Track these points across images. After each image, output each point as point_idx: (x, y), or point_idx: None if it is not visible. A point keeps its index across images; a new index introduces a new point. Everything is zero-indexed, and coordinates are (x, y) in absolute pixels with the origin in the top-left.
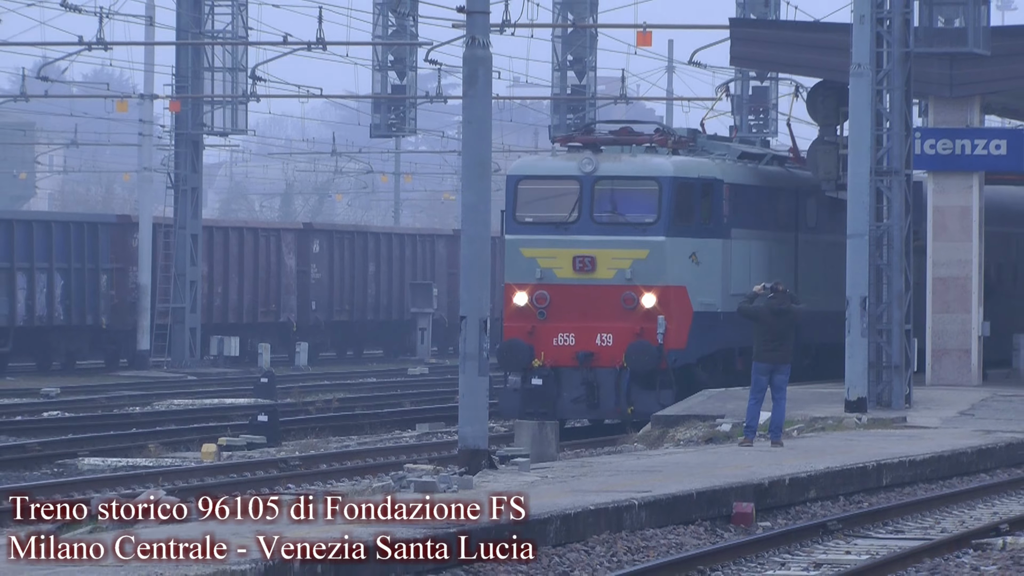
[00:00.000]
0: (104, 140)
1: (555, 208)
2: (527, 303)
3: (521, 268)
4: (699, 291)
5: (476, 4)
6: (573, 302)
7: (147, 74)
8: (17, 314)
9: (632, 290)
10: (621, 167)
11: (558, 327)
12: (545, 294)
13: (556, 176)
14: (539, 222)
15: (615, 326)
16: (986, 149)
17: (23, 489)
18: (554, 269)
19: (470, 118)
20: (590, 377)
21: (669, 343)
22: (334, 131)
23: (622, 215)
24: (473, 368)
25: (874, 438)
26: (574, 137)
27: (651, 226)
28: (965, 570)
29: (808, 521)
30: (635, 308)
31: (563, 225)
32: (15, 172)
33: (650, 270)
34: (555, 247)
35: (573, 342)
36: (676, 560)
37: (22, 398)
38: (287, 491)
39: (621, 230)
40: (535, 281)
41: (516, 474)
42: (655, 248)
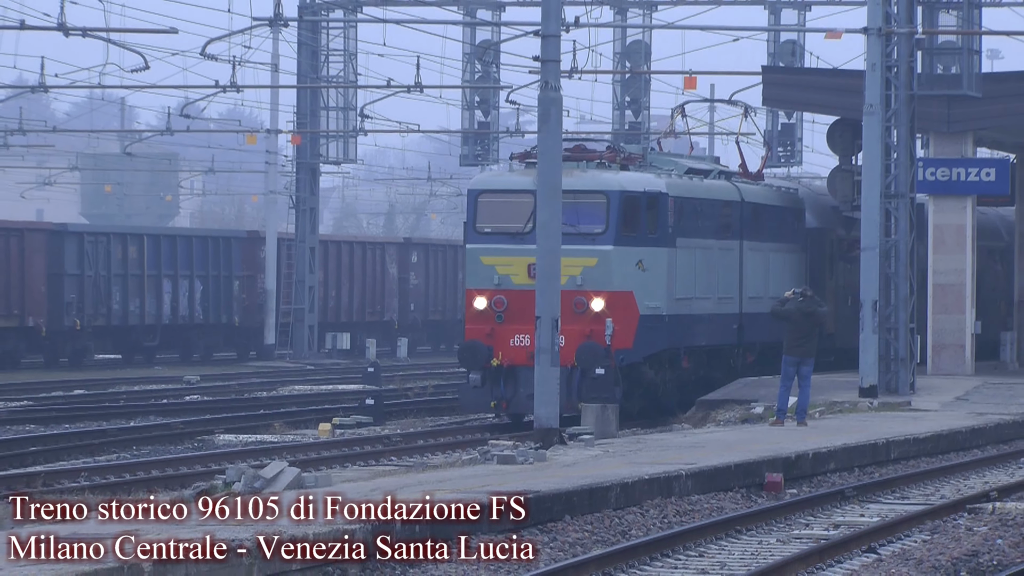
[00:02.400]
0: (236, 168)
1: (512, 219)
2: (486, 307)
3: (481, 275)
4: (645, 296)
5: (549, 54)
6: (528, 306)
7: (272, 112)
8: (163, 314)
9: (582, 295)
10: (572, 182)
11: (515, 329)
12: (503, 299)
13: (513, 190)
14: (497, 232)
15: (567, 328)
16: (978, 176)
17: (21, 492)
18: (511, 276)
19: (544, 149)
20: None
21: (616, 344)
22: (429, 160)
23: (573, 226)
24: (546, 360)
25: (884, 419)
26: (531, 154)
27: (599, 236)
28: (961, 530)
29: (828, 489)
30: (585, 312)
31: (519, 235)
32: (162, 195)
33: (599, 277)
34: (512, 255)
35: (528, 343)
36: (717, 521)
37: (168, 384)
38: (389, 463)
39: (572, 240)
40: (493, 287)
41: (582, 449)
42: (603, 256)
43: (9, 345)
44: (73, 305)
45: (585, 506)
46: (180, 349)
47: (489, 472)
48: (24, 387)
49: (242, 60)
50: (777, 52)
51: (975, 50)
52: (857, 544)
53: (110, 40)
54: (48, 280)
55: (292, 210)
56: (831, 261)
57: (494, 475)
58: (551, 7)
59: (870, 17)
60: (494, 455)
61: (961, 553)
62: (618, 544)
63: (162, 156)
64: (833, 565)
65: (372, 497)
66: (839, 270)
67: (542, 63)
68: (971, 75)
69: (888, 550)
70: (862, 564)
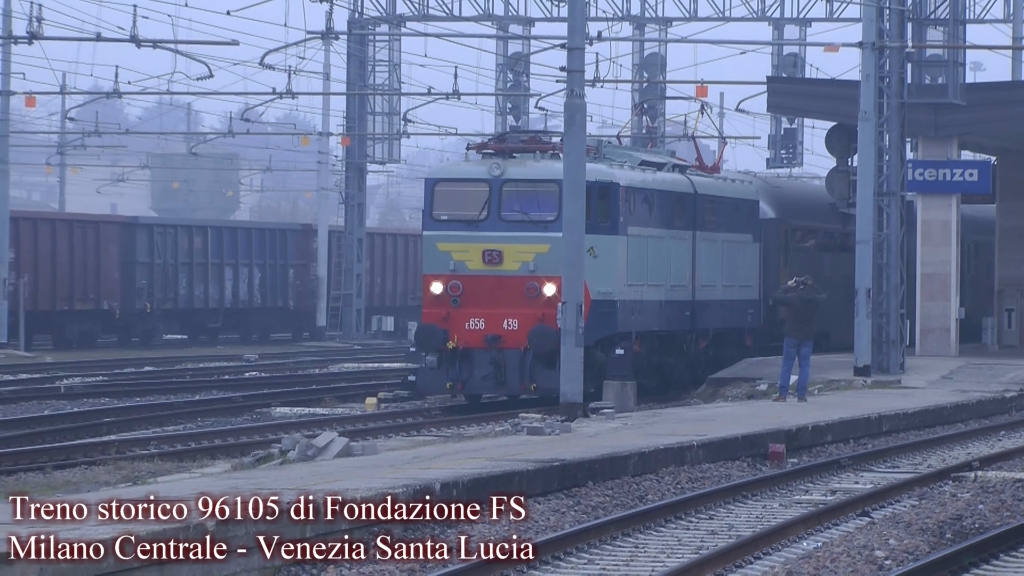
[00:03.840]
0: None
1: (467, 207)
2: (442, 291)
3: (437, 260)
4: (596, 281)
5: (574, 65)
6: (483, 291)
7: (324, 116)
8: (225, 298)
9: (535, 280)
10: (525, 171)
11: (469, 313)
12: (458, 284)
13: (468, 179)
14: (453, 220)
15: (520, 312)
16: (962, 176)
17: (20, 491)
18: (466, 262)
19: (569, 151)
20: (498, 357)
21: None
22: None
23: (526, 214)
24: (571, 341)
25: (876, 396)
26: (488, 145)
27: (551, 224)
28: (946, 496)
29: (826, 459)
30: (537, 296)
31: (474, 222)
32: (224, 191)
33: (551, 263)
34: (467, 242)
35: (483, 326)
36: (726, 487)
37: (229, 362)
38: (429, 433)
39: (525, 227)
40: (449, 272)
41: (604, 421)
42: (555, 243)
43: (86, 326)
44: (144, 290)
45: (606, 473)
46: (240, 330)
47: (520, 442)
48: (100, 364)
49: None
50: (780, 64)
51: (960, 63)
52: (852, 508)
53: (178, 51)
54: (121, 268)
55: (342, 205)
56: (785, 250)
57: (524, 445)
58: (576, 23)
59: (865, 32)
60: (524, 427)
61: (946, 517)
62: (636, 507)
63: (224, 156)
64: (830, 527)
65: (413, 462)
66: (793, 259)
67: (568, 73)
68: (956, 85)
69: (880, 514)
70: (856, 527)
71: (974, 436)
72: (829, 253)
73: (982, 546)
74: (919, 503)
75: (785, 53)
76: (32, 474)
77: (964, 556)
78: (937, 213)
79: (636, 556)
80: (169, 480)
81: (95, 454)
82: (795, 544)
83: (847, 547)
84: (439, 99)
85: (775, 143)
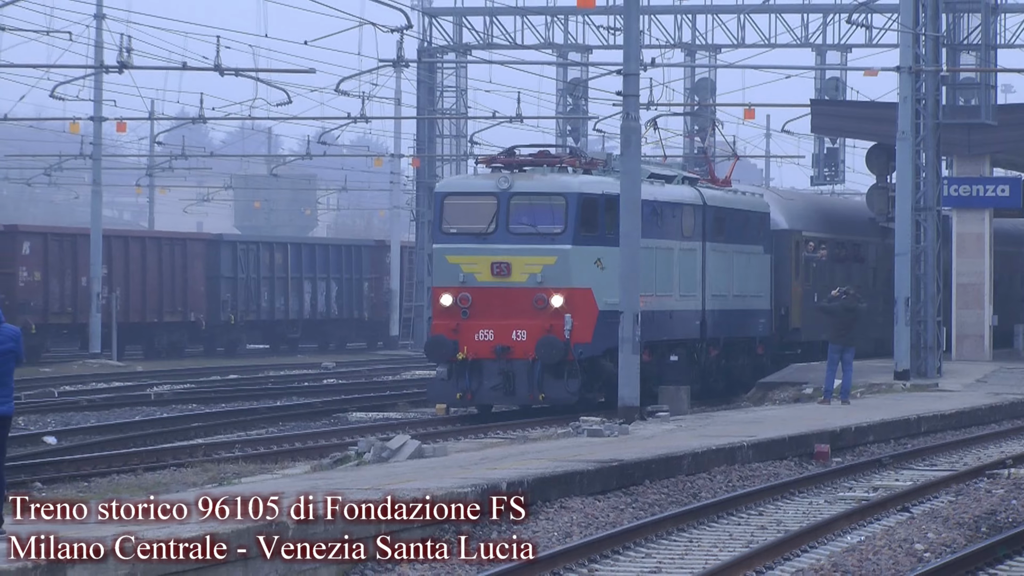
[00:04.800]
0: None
1: (476, 220)
2: (452, 303)
3: (446, 273)
4: (604, 292)
5: (630, 90)
6: (492, 302)
7: (396, 139)
8: (304, 310)
9: (543, 292)
10: (533, 184)
11: (479, 324)
12: (467, 295)
13: (477, 192)
14: (462, 232)
15: (528, 323)
16: (994, 192)
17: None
18: (475, 274)
19: (626, 171)
20: (507, 368)
21: (575, 338)
22: None
23: (534, 226)
24: (628, 348)
25: (915, 398)
26: (496, 159)
27: (559, 236)
28: (981, 492)
29: (868, 457)
30: (545, 308)
31: (483, 235)
32: (303, 209)
33: (558, 274)
34: (476, 255)
35: (492, 337)
36: (774, 485)
37: (308, 370)
38: (496, 436)
39: (533, 239)
40: (459, 284)
41: (660, 424)
42: (562, 255)
43: (175, 337)
44: (228, 303)
45: (662, 472)
46: (318, 340)
47: (580, 444)
48: (187, 372)
49: (370, 95)
50: (823, 87)
51: (991, 85)
52: (893, 504)
53: (258, 79)
54: (207, 282)
55: (413, 222)
56: (796, 261)
57: (585, 446)
58: (631, 50)
59: (902, 58)
60: (584, 429)
61: (981, 512)
62: (690, 504)
63: (302, 177)
64: (872, 522)
65: (481, 462)
66: (804, 269)
67: (624, 97)
68: (988, 107)
69: (919, 509)
70: (897, 521)
71: (1007, 436)
72: (841, 263)
73: (1016, 539)
74: (956, 499)
75: (827, 77)
76: (124, 476)
77: (999, 549)
78: (971, 226)
79: (690, 550)
80: (252, 481)
81: (183, 457)
82: (840, 538)
83: (888, 540)
84: (503, 122)
85: (819, 162)
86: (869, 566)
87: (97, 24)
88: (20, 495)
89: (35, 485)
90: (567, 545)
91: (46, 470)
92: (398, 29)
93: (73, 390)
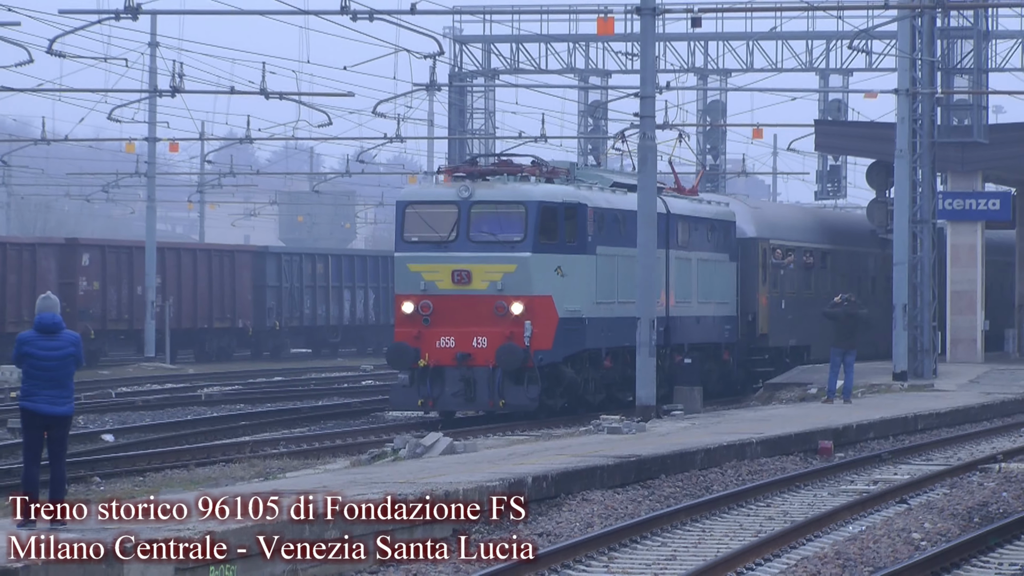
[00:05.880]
0: None
1: (437, 229)
2: (413, 311)
3: (408, 281)
4: (565, 300)
5: (646, 111)
6: (453, 310)
7: (429, 158)
8: (344, 316)
9: (503, 299)
10: (493, 193)
11: (440, 332)
12: (429, 303)
13: (437, 201)
14: (423, 241)
15: (488, 330)
16: (986, 206)
17: (20, 490)
18: (436, 282)
19: (643, 186)
20: (467, 374)
21: (536, 345)
22: None
23: (494, 235)
24: (645, 352)
25: (912, 398)
26: (459, 168)
27: (519, 244)
28: (974, 485)
29: (869, 453)
30: (505, 315)
31: (443, 243)
32: (343, 223)
33: (518, 282)
34: (437, 263)
35: (453, 344)
36: (781, 479)
37: (348, 372)
38: (522, 434)
39: (493, 247)
40: (420, 292)
41: (674, 422)
42: (522, 263)
43: (224, 342)
44: (273, 310)
45: (677, 467)
46: (357, 344)
47: (601, 440)
48: (235, 375)
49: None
50: (826, 108)
51: (983, 106)
52: (892, 496)
53: (301, 102)
54: (253, 291)
55: None
56: (764, 268)
57: (605, 443)
58: (647, 75)
59: (900, 81)
60: (604, 427)
61: (974, 503)
62: (703, 497)
63: (342, 193)
64: (873, 513)
65: (508, 458)
66: (771, 276)
67: (641, 118)
68: (980, 126)
69: (916, 501)
70: (896, 512)
71: (998, 433)
72: (809, 270)
73: (1006, 529)
74: (950, 491)
75: (830, 99)
76: (177, 471)
77: (990, 538)
78: (964, 238)
79: (704, 539)
80: (296, 475)
81: (232, 453)
82: (843, 528)
83: (888, 530)
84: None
85: (822, 178)
86: (870, 554)
87: (151, 51)
88: (21, 495)
89: (94, 479)
90: (588, 535)
91: (104, 465)
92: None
93: (129, 391)
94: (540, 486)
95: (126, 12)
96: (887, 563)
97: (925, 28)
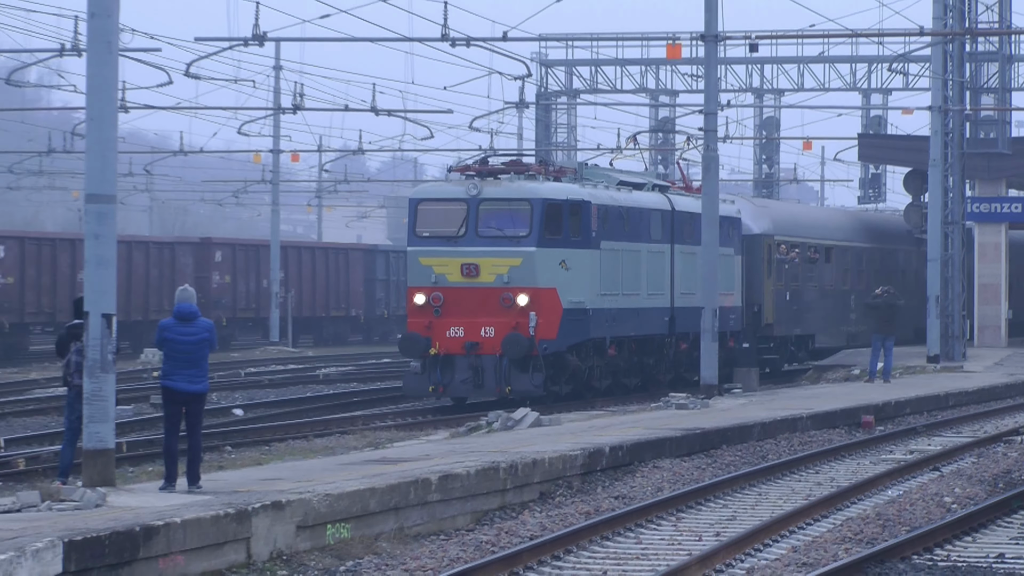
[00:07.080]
0: None
1: (447, 224)
2: (425, 302)
3: (420, 274)
4: (569, 292)
5: (709, 126)
6: (462, 302)
7: None
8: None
9: (509, 291)
10: (500, 191)
11: (450, 322)
12: (439, 295)
13: (448, 199)
14: (434, 236)
15: (495, 321)
16: (1009, 209)
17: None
18: (446, 275)
19: (706, 192)
20: (475, 363)
21: (540, 334)
22: None
23: (501, 230)
24: (708, 337)
25: (944, 378)
26: (469, 167)
27: (524, 239)
28: (999, 455)
29: (906, 426)
30: (512, 306)
31: (453, 238)
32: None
33: (524, 275)
34: (447, 256)
35: (462, 334)
36: (828, 449)
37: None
38: (601, 409)
39: (500, 242)
40: (431, 284)
41: (734, 399)
42: (527, 257)
43: (339, 328)
44: (382, 300)
45: (736, 438)
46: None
47: (669, 415)
48: (350, 357)
49: (497, 131)
50: (868, 123)
51: (1007, 121)
52: (926, 465)
53: (406, 118)
54: (364, 284)
55: None
56: (768, 262)
57: (673, 417)
58: (711, 94)
59: (933, 99)
60: (673, 403)
61: (999, 471)
62: (759, 464)
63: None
64: (909, 479)
65: (588, 430)
66: (776, 270)
67: (704, 132)
68: (1005, 138)
69: (948, 468)
70: (929, 479)
71: (1020, 408)
72: (813, 264)
73: None
74: (978, 460)
75: (871, 115)
76: (298, 441)
77: (1014, 501)
78: (990, 237)
79: (760, 502)
80: (402, 445)
81: (346, 426)
82: (882, 492)
83: (922, 494)
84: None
85: (864, 184)
86: (906, 515)
87: (275, 74)
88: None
89: (226, 449)
90: (659, 497)
91: (235, 437)
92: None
93: (256, 371)
94: (616, 455)
95: (254, 39)
96: (922, 523)
97: (956, 52)
